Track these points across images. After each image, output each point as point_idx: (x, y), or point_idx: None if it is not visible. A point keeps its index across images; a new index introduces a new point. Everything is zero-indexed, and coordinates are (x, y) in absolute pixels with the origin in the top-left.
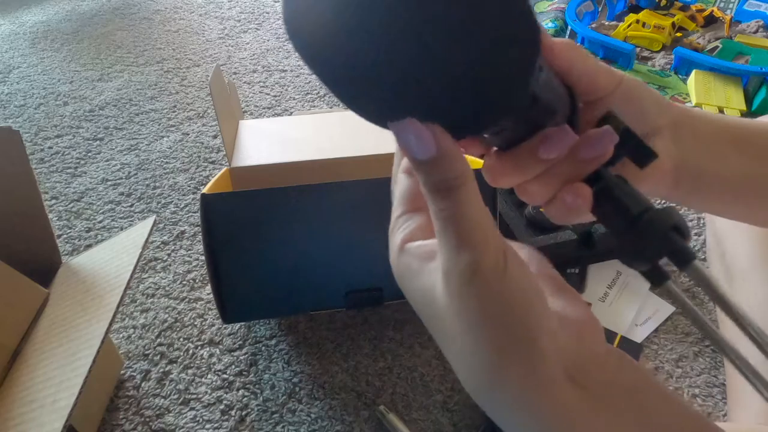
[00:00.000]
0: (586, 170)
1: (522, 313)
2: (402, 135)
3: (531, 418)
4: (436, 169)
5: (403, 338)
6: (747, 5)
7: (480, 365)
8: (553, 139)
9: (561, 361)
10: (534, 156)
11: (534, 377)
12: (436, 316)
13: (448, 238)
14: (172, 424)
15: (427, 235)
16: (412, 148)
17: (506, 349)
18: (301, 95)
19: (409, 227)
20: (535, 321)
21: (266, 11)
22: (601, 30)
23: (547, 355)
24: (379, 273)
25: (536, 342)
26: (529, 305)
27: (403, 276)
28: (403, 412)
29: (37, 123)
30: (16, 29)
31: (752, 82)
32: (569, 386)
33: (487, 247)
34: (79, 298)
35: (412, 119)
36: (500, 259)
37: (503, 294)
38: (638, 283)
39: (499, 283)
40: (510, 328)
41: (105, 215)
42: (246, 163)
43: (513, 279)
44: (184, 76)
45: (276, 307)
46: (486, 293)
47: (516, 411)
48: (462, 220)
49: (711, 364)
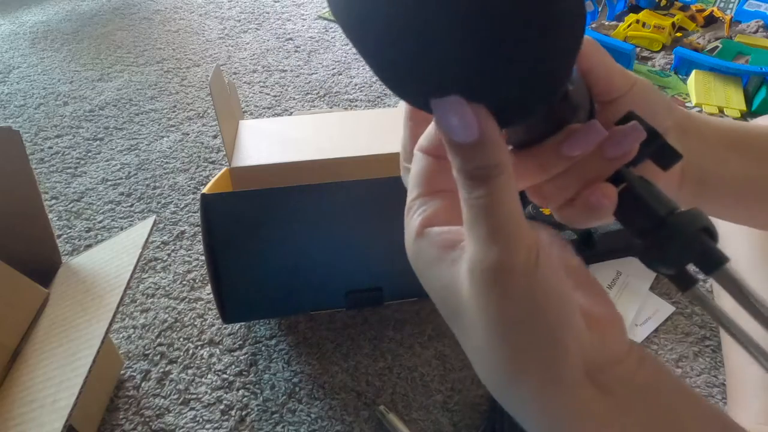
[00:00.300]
0: (608, 170)
1: (549, 315)
2: (443, 115)
3: (549, 417)
4: (476, 155)
5: (403, 338)
6: (747, 5)
7: (500, 363)
8: (580, 134)
9: (582, 361)
10: (557, 153)
11: (555, 379)
12: (457, 309)
13: (478, 230)
14: (172, 424)
15: (448, 220)
16: (453, 129)
17: (529, 349)
18: (301, 95)
19: (428, 210)
20: (561, 323)
21: (266, 11)
22: (601, 30)
23: (570, 357)
24: (379, 273)
25: (560, 343)
26: (558, 307)
27: (420, 261)
28: (403, 412)
29: (37, 123)
30: (16, 29)
31: (752, 82)
32: (589, 387)
33: (518, 243)
34: (79, 298)
35: (459, 98)
36: (532, 256)
37: (532, 295)
38: (638, 283)
39: (528, 283)
40: (535, 330)
41: (105, 215)
42: (246, 163)
43: (543, 280)
44: (184, 76)
45: (276, 307)
46: (514, 293)
47: (534, 410)
48: (496, 212)
49: (711, 364)
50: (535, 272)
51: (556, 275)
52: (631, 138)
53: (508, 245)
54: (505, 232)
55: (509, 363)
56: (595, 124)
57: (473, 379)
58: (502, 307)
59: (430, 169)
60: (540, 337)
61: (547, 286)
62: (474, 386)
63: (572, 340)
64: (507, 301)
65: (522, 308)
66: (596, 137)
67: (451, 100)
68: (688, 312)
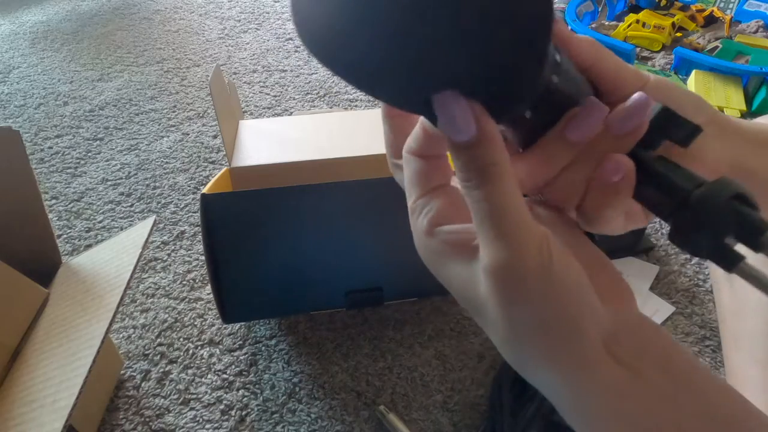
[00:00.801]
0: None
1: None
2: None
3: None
4: (475, 153)
5: (403, 338)
6: (747, 5)
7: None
8: (581, 115)
9: (602, 339)
10: (561, 141)
11: (580, 364)
12: (477, 306)
13: (487, 231)
14: (172, 424)
15: (454, 215)
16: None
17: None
18: (301, 95)
19: (433, 209)
20: (581, 312)
21: (266, 11)
22: (601, 30)
23: (592, 341)
24: (379, 273)
25: (583, 331)
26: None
27: (434, 261)
28: (403, 412)
29: (37, 123)
30: (16, 29)
31: (752, 82)
32: (608, 362)
33: (528, 240)
34: (79, 298)
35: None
36: (545, 253)
37: (550, 291)
38: (638, 283)
39: (544, 281)
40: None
41: (105, 215)
42: (246, 163)
43: (558, 273)
44: (184, 76)
45: (276, 307)
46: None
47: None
48: (500, 212)
49: (711, 364)
50: (549, 268)
51: (569, 264)
52: (639, 107)
53: (518, 245)
54: (512, 231)
55: (532, 356)
56: (594, 101)
57: (473, 379)
58: (520, 307)
59: (424, 170)
60: (561, 331)
61: (563, 279)
62: (474, 386)
63: (593, 324)
64: (525, 300)
65: (540, 307)
66: (598, 114)
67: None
68: (688, 312)
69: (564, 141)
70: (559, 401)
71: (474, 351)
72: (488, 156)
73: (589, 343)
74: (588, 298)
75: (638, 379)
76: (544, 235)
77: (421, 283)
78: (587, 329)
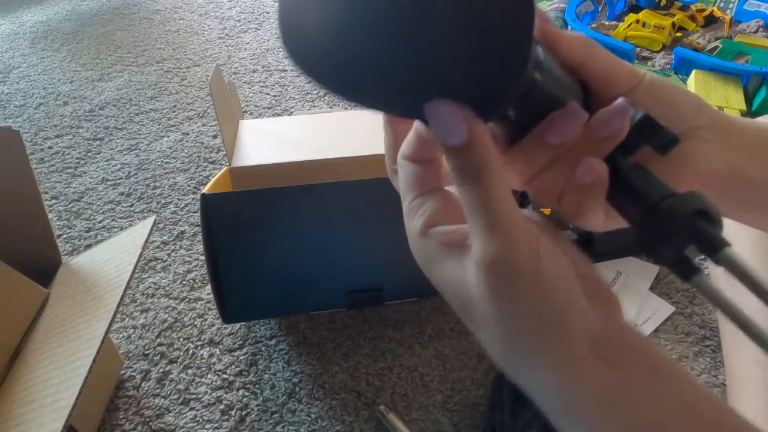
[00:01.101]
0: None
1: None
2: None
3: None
4: (467, 154)
5: (403, 338)
6: (747, 5)
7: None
8: (560, 120)
9: (588, 335)
10: (541, 142)
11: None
12: (468, 303)
13: (478, 224)
14: (172, 424)
15: (448, 218)
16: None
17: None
18: (301, 95)
19: (428, 211)
20: (568, 309)
21: (266, 11)
22: (601, 30)
23: (578, 338)
24: (379, 273)
25: (570, 328)
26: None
27: (427, 261)
28: (403, 412)
29: (37, 123)
30: (16, 29)
31: (752, 82)
32: (595, 361)
33: (518, 233)
34: (79, 298)
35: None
36: (533, 246)
37: (538, 285)
38: (638, 283)
39: (533, 273)
40: (545, 319)
41: (105, 215)
42: (246, 163)
43: (546, 268)
44: (184, 76)
45: (276, 307)
46: (521, 284)
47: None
48: (491, 206)
49: (711, 364)
50: (538, 262)
51: (558, 261)
52: (618, 115)
53: (508, 236)
54: (503, 223)
55: (521, 350)
56: (574, 106)
57: (473, 379)
58: (510, 299)
59: (418, 174)
60: (550, 324)
61: (551, 274)
62: (474, 386)
63: (580, 322)
64: (515, 293)
65: (530, 299)
66: (577, 119)
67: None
68: (688, 312)
69: (543, 143)
70: (546, 401)
71: (474, 351)
72: (479, 156)
73: (577, 338)
74: (575, 296)
75: (625, 378)
76: (534, 231)
77: (421, 283)
78: (575, 325)
